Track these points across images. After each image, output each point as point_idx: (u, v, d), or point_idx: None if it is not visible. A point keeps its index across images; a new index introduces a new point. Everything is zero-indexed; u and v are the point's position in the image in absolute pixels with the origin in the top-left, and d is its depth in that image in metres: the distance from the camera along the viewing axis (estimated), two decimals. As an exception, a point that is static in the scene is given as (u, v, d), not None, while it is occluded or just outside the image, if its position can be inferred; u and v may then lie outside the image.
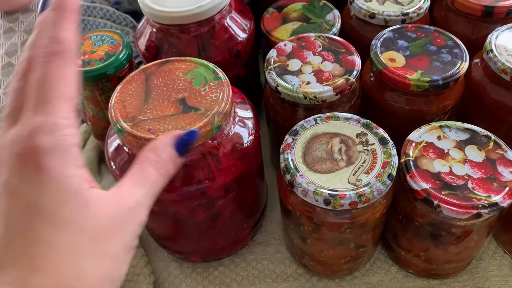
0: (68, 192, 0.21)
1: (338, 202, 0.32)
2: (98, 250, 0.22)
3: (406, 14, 0.48)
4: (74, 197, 0.22)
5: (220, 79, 0.36)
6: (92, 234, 0.22)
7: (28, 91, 0.23)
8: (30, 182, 0.21)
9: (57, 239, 0.21)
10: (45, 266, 0.20)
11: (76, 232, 0.21)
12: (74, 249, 0.21)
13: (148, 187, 0.26)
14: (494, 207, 0.33)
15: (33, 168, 0.21)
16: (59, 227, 0.21)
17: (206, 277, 0.45)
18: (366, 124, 0.37)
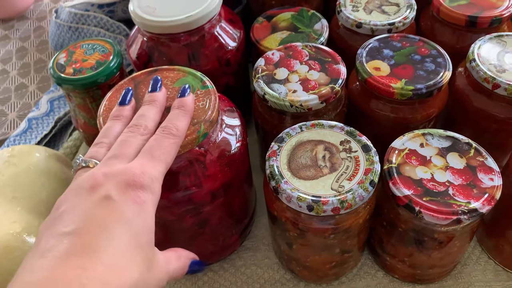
0: (150, 231, 0.27)
1: (321, 208, 0.33)
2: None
3: (392, 24, 0.49)
4: (147, 234, 0.27)
5: (207, 88, 0.37)
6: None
7: (144, 146, 0.30)
8: (127, 203, 0.26)
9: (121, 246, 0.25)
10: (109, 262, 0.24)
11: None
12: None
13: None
14: (473, 213, 0.34)
15: (135, 196, 0.26)
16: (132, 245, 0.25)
17: (195, 283, 0.46)
18: (350, 131, 0.38)
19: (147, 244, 0.26)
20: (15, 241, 0.36)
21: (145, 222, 0.26)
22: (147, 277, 0.26)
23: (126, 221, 0.25)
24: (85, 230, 0.24)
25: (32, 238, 0.37)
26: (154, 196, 0.28)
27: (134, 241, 0.25)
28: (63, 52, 0.47)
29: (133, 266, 0.25)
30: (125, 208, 0.26)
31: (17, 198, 0.41)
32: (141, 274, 0.25)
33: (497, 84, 0.41)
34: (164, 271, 0.29)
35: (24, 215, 0.39)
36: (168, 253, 0.31)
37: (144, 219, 0.26)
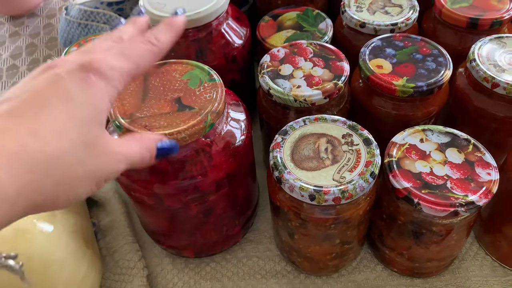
0: (94, 109, 0.25)
1: (322, 197, 0.34)
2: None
3: (395, 24, 0.50)
4: (92, 111, 0.24)
5: (214, 81, 0.38)
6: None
7: (118, 46, 0.28)
8: (74, 80, 0.24)
9: (59, 119, 0.23)
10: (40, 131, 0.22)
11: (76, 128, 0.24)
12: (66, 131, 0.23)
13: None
14: (471, 205, 0.35)
15: (85, 76, 0.24)
16: (68, 117, 0.23)
17: (198, 272, 0.47)
18: (352, 125, 0.39)
19: (90, 121, 0.24)
20: (26, 224, 0.37)
21: (90, 100, 0.24)
22: (82, 153, 0.23)
23: (66, 94, 0.23)
24: (20, 98, 0.23)
25: (42, 222, 0.38)
26: (109, 84, 0.25)
27: (71, 114, 0.23)
28: (74, 45, 0.48)
29: (62, 136, 0.22)
30: (70, 84, 0.24)
31: (27, 185, 0.42)
32: (73, 147, 0.23)
33: (496, 83, 0.42)
34: (117, 153, 0.26)
35: (34, 201, 0.40)
36: (127, 136, 0.29)
37: (90, 97, 0.24)
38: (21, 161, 0.21)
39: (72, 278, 0.39)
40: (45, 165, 0.22)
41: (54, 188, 0.22)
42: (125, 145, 0.27)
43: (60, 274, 0.38)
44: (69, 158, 0.23)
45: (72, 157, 0.23)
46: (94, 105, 0.24)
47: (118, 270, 0.46)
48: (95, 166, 0.24)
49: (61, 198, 0.23)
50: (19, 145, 0.21)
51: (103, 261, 0.47)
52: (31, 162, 0.21)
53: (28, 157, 0.21)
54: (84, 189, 0.24)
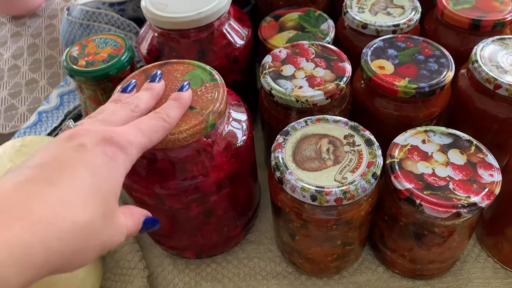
0: (115, 183, 0.26)
1: (324, 198, 0.34)
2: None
3: (397, 25, 0.50)
4: (112, 186, 0.26)
5: (216, 81, 0.38)
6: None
7: (136, 119, 0.31)
8: (98, 152, 0.26)
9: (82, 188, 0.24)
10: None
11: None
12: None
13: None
14: (473, 207, 0.34)
15: (108, 150, 0.26)
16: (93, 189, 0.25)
17: (198, 273, 0.47)
18: (354, 126, 0.39)
19: (109, 195, 0.26)
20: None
21: (112, 174, 0.26)
22: (100, 224, 0.25)
23: (92, 166, 0.25)
24: (49, 166, 0.24)
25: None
26: (127, 158, 0.27)
27: (96, 186, 0.25)
28: (76, 45, 0.48)
29: (87, 207, 0.24)
30: (95, 156, 0.25)
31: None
32: (93, 218, 0.24)
33: (498, 84, 0.42)
34: (123, 226, 0.27)
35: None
36: (123, 209, 0.30)
37: (111, 171, 0.26)
38: (53, 230, 0.22)
39: (72, 278, 0.39)
40: (71, 235, 0.23)
41: (72, 256, 0.23)
42: (126, 219, 0.29)
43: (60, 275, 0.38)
44: (90, 229, 0.24)
45: (92, 228, 0.24)
46: (114, 181, 0.26)
47: (118, 271, 0.46)
48: (108, 237, 0.26)
49: (74, 264, 0.24)
50: (53, 215, 0.22)
51: (104, 261, 0.47)
52: (61, 231, 0.22)
53: (59, 226, 0.22)
54: (93, 256, 0.25)
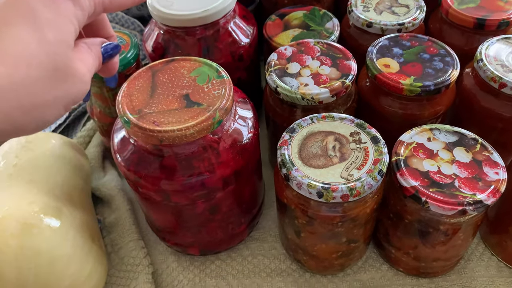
0: (62, 29, 0.23)
1: (330, 194, 0.34)
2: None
3: (402, 24, 0.50)
4: (64, 37, 0.23)
5: (223, 78, 0.38)
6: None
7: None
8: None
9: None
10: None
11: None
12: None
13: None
14: (478, 204, 0.35)
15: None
16: (34, 38, 0.22)
17: (203, 270, 0.47)
18: (360, 124, 0.39)
19: (60, 43, 0.23)
20: (33, 219, 0.37)
21: (58, 19, 0.23)
22: (52, 78, 0.22)
23: (31, 12, 0.22)
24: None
25: (49, 218, 0.38)
26: (78, 4, 0.24)
27: (39, 35, 0.22)
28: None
29: (32, 61, 0.21)
30: (34, 1, 0.22)
31: (33, 180, 0.42)
32: (42, 72, 0.21)
33: (503, 83, 0.42)
34: (82, 75, 0.25)
35: (41, 197, 0.40)
36: (79, 49, 0.26)
37: (57, 15, 0.23)
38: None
39: (78, 273, 0.39)
40: (13, 94, 0.21)
41: (23, 117, 0.21)
42: (86, 62, 0.26)
43: (67, 270, 0.38)
44: (38, 85, 0.22)
45: (41, 83, 0.22)
46: (61, 24, 0.23)
47: (123, 267, 0.46)
48: (64, 91, 0.23)
49: (30, 126, 0.22)
50: None
51: (108, 258, 0.47)
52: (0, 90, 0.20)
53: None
54: (53, 115, 0.23)
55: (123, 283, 0.45)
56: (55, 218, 0.39)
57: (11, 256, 0.35)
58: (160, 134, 0.34)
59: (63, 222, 0.39)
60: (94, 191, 0.53)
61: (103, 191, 0.52)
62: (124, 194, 0.52)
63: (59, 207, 0.40)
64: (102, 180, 0.54)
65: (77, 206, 0.43)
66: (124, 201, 0.51)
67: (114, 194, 0.52)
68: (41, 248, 0.36)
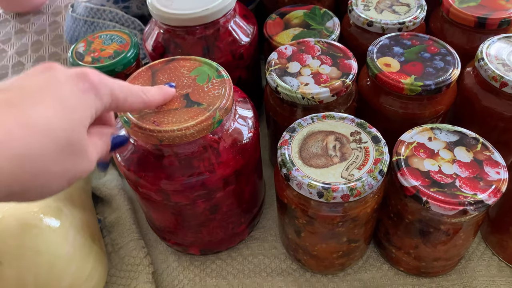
0: (82, 113, 0.26)
1: (330, 194, 0.34)
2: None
3: (402, 23, 0.50)
4: (82, 120, 0.26)
5: (223, 77, 0.38)
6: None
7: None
8: (70, 86, 0.26)
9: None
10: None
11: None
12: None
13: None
14: (479, 204, 0.34)
15: (80, 84, 0.26)
16: (57, 117, 0.24)
17: (203, 270, 0.47)
18: (360, 123, 0.39)
19: (77, 123, 0.25)
20: (33, 219, 0.37)
21: (81, 104, 0.26)
22: (64, 152, 0.24)
23: (61, 97, 0.24)
24: (17, 92, 0.24)
25: (48, 218, 0.38)
26: (98, 97, 0.27)
27: (62, 115, 0.24)
28: (82, 41, 0.48)
29: (50, 133, 0.23)
30: (66, 88, 0.25)
31: (34, 180, 0.42)
32: (56, 145, 0.24)
33: (504, 82, 0.42)
34: (90, 155, 0.27)
35: (41, 197, 0.40)
36: (92, 134, 0.30)
37: (80, 102, 0.25)
38: (5, 150, 0.22)
39: (78, 273, 0.39)
40: (28, 159, 0.23)
41: (31, 181, 0.23)
42: (96, 146, 0.29)
43: (67, 270, 0.38)
44: (50, 155, 0.24)
45: (54, 153, 0.24)
46: (82, 109, 0.26)
47: (123, 267, 0.46)
48: (72, 166, 0.25)
49: (35, 191, 0.24)
50: (5, 134, 0.22)
51: (109, 257, 0.47)
52: (15, 152, 0.22)
53: (12, 147, 0.22)
54: (58, 185, 0.25)
55: (123, 283, 0.45)
56: (55, 218, 0.39)
57: (11, 256, 0.35)
58: (160, 134, 0.34)
59: (63, 222, 0.39)
60: (95, 191, 0.53)
61: (104, 191, 0.52)
62: (124, 193, 0.52)
63: (59, 207, 0.40)
64: (103, 179, 0.54)
65: (77, 205, 0.43)
66: (124, 200, 0.51)
67: (114, 193, 0.52)
68: (41, 249, 0.36)
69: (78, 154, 0.26)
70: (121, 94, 0.29)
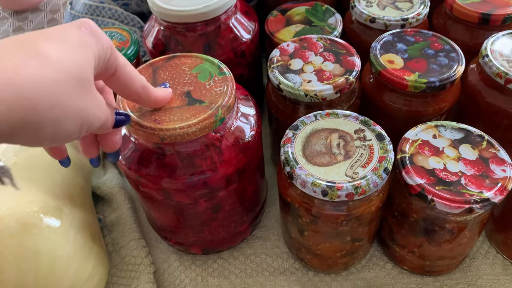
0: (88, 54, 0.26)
1: (335, 193, 0.33)
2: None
3: (405, 19, 0.50)
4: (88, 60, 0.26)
5: (225, 74, 0.37)
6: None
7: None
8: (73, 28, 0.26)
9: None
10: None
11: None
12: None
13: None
14: (485, 202, 0.34)
15: (82, 28, 0.27)
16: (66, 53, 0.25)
17: (205, 269, 0.46)
18: (364, 121, 0.38)
19: (86, 62, 0.26)
20: (32, 219, 0.36)
21: (85, 45, 0.26)
22: (76, 87, 0.25)
23: (65, 36, 0.25)
24: (28, 35, 0.24)
25: (48, 217, 0.38)
26: (98, 44, 0.27)
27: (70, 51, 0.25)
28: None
29: (62, 67, 0.24)
30: (70, 31, 0.26)
31: (33, 179, 0.42)
32: (68, 79, 0.24)
33: (510, 79, 0.42)
34: (101, 101, 0.28)
35: (40, 196, 0.40)
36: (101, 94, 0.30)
37: (84, 43, 0.26)
38: (22, 75, 0.22)
39: (79, 273, 0.38)
40: (44, 86, 0.23)
41: (47, 111, 0.23)
42: (105, 102, 0.29)
43: (68, 270, 0.37)
44: (64, 87, 0.24)
45: (67, 87, 0.24)
46: (87, 50, 0.26)
47: (124, 267, 0.46)
48: (85, 105, 0.25)
49: (49, 126, 0.24)
50: (22, 60, 0.22)
51: (110, 257, 0.47)
52: (32, 79, 0.22)
53: (29, 73, 0.22)
54: (71, 125, 0.25)
55: (124, 283, 0.44)
56: (55, 217, 0.38)
57: (10, 256, 0.35)
58: (161, 132, 0.33)
59: (63, 222, 0.38)
60: (95, 190, 0.52)
61: (104, 190, 0.52)
62: (125, 192, 0.52)
63: (59, 207, 0.39)
64: (103, 178, 0.54)
65: (78, 205, 0.43)
66: (125, 199, 0.51)
67: (114, 192, 0.51)
68: (41, 249, 0.36)
69: (89, 95, 0.26)
70: (121, 58, 0.29)
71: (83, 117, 0.26)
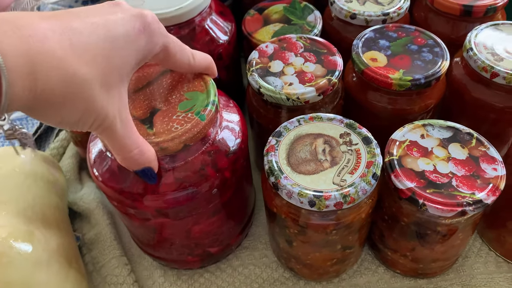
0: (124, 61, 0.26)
1: (323, 203, 0.32)
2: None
3: (386, 14, 0.48)
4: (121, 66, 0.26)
5: (202, 119, 0.33)
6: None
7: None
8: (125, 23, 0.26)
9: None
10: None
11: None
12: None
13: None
14: (478, 204, 0.33)
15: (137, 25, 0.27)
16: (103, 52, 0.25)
17: (191, 284, 0.44)
18: (350, 124, 0.37)
19: (115, 69, 0.26)
20: (1, 246, 0.34)
21: (127, 47, 0.26)
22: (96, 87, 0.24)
23: (112, 30, 0.25)
24: (76, 10, 0.25)
25: (19, 243, 0.35)
26: (149, 44, 0.27)
27: (104, 47, 0.25)
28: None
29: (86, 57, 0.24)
30: (121, 22, 0.26)
31: (2, 202, 0.39)
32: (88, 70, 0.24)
33: (495, 73, 0.40)
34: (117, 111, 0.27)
35: (10, 219, 0.37)
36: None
37: (127, 44, 0.26)
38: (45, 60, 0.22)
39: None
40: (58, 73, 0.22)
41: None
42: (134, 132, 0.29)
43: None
44: (80, 79, 0.23)
45: (83, 79, 0.23)
46: (127, 54, 0.26)
47: (106, 287, 0.43)
48: (100, 105, 0.25)
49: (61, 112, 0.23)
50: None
51: (90, 277, 0.45)
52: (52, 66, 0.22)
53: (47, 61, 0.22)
54: (74, 115, 0.24)
55: (106, 304, 0.42)
56: (25, 242, 0.35)
57: (-22, 290, 0.32)
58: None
59: (35, 247, 0.36)
60: (71, 206, 0.50)
61: (81, 205, 0.49)
62: (103, 207, 0.49)
63: (30, 230, 0.37)
64: (80, 193, 0.51)
65: (52, 226, 0.40)
66: (104, 215, 0.48)
67: (92, 207, 0.49)
68: (12, 279, 0.33)
69: (107, 99, 0.25)
70: (173, 49, 0.30)
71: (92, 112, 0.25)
